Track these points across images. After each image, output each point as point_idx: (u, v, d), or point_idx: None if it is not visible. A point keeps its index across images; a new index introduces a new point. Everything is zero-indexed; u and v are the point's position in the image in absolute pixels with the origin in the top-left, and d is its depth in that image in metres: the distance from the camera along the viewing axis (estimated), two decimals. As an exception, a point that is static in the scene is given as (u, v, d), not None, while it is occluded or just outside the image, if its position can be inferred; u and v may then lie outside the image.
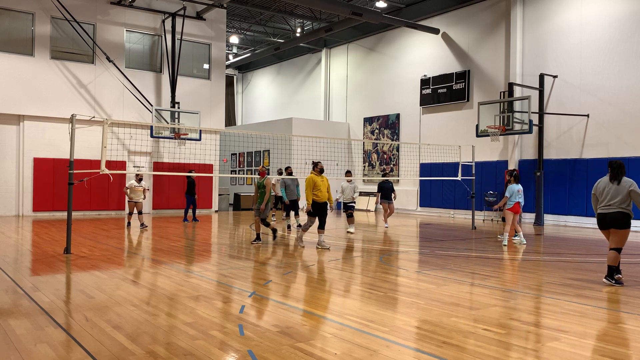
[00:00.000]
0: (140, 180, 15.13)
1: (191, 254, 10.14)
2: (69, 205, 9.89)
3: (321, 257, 9.87)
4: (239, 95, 36.97)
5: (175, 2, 21.50)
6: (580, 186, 17.67)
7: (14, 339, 4.65)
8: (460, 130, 21.38)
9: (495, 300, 6.43)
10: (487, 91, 20.65)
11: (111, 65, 20.14)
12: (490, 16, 20.75)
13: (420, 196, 23.37)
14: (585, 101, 17.67)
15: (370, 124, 26.17)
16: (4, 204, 18.97)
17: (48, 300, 6.15)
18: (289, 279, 7.68)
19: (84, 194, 19.38)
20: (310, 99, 30.34)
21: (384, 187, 16.05)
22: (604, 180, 7.54)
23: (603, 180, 7.56)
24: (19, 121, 19.15)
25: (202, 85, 22.73)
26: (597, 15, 17.40)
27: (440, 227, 16.84)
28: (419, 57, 23.58)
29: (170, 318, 5.41)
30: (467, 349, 4.50)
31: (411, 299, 6.38)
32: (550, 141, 18.61)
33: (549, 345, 4.64)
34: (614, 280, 7.37)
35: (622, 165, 7.51)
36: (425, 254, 10.63)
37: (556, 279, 7.87)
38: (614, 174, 7.46)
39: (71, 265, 8.65)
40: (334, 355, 4.31)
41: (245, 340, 4.69)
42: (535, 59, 19.07)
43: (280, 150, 25.04)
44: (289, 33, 28.80)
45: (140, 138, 20.18)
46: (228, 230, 15.39)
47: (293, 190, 14.67)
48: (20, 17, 19.05)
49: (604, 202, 7.44)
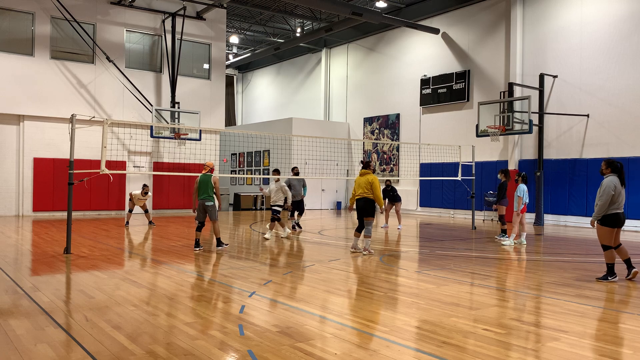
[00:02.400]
0: (145, 194, 15.36)
1: (191, 254, 10.14)
2: (69, 205, 9.90)
3: (321, 257, 9.87)
4: (239, 95, 36.97)
5: (175, 2, 21.50)
6: (580, 186, 17.67)
7: (14, 339, 4.65)
8: (460, 130, 21.38)
9: (495, 300, 6.43)
10: (487, 91, 20.65)
11: (111, 65, 20.13)
12: (490, 16, 20.75)
13: (420, 196, 23.37)
14: (585, 101, 17.67)
15: (370, 124, 26.17)
16: (4, 204, 18.97)
17: (48, 300, 6.15)
18: (289, 279, 7.67)
19: (84, 194, 19.37)
20: (310, 99, 30.34)
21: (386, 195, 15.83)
22: (617, 181, 7.57)
23: (616, 181, 7.57)
24: (19, 121, 19.14)
25: (202, 85, 22.73)
26: (597, 15, 17.40)
27: (440, 227, 16.84)
28: (419, 57, 23.58)
29: (170, 318, 5.41)
30: (467, 349, 4.50)
31: (411, 299, 6.38)
32: (550, 141, 18.61)
33: (549, 345, 4.64)
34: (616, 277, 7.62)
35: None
36: (425, 254, 10.62)
37: (556, 279, 7.87)
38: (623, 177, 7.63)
39: (71, 265, 8.65)
40: (334, 355, 4.31)
41: (245, 340, 4.69)
42: (535, 59, 19.06)
43: (280, 150, 25.03)
44: (289, 33, 28.80)
45: (140, 138, 20.17)
46: (228, 230, 15.38)
47: (299, 191, 14.66)
48: (20, 17, 19.05)
49: (618, 203, 7.50)
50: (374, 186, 9.90)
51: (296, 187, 14.60)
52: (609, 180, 7.53)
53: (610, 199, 7.42)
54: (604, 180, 7.60)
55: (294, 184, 14.59)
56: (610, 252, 7.55)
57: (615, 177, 7.58)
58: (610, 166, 7.69)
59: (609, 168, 7.69)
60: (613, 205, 7.46)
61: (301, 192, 14.74)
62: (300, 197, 14.70)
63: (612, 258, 7.56)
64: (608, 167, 7.71)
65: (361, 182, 9.99)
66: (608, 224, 7.50)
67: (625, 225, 16.13)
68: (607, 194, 7.42)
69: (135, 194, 15.40)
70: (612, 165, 7.69)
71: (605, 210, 7.46)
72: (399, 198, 15.99)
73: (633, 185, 16.33)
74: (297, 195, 14.62)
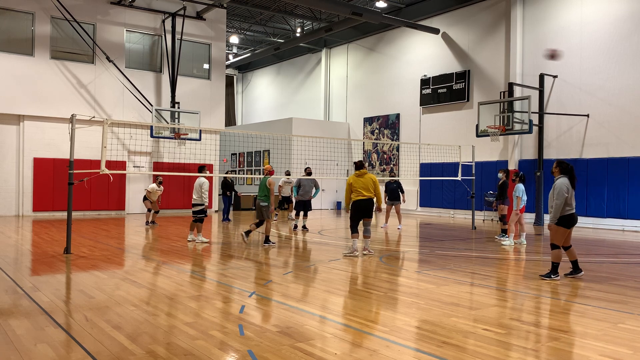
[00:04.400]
0: (160, 183, 16.13)
1: (191, 254, 10.14)
2: (69, 205, 9.90)
3: (321, 257, 9.86)
4: (239, 95, 36.97)
5: (175, 2, 21.50)
6: (580, 186, 17.64)
7: (14, 339, 4.65)
8: (460, 130, 21.38)
9: (495, 300, 6.43)
10: (487, 91, 20.65)
11: (111, 65, 20.13)
12: (490, 16, 20.75)
13: (420, 196, 23.37)
14: (585, 101, 17.67)
15: (370, 124, 26.17)
16: (4, 204, 18.97)
17: (48, 300, 6.15)
18: (289, 279, 7.67)
19: (84, 194, 19.36)
20: (310, 99, 30.34)
21: (388, 187, 15.97)
22: (568, 182, 7.68)
23: (567, 182, 7.68)
24: (19, 121, 19.14)
25: (202, 85, 22.73)
26: (597, 15, 17.40)
27: (440, 227, 16.84)
28: (419, 57, 23.58)
29: (170, 318, 5.41)
30: (467, 349, 4.50)
31: (411, 299, 6.38)
32: (550, 141, 18.61)
33: (549, 345, 4.64)
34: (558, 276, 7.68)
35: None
36: (425, 254, 10.62)
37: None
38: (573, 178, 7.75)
39: (71, 265, 8.65)
40: (334, 355, 4.31)
41: (245, 340, 4.69)
42: (535, 59, 19.06)
43: (280, 150, 25.03)
44: (289, 33, 28.80)
45: (140, 138, 20.17)
46: (228, 230, 15.38)
47: (308, 191, 14.65)
48: (20, 17, 19.05)
49: (573, 204, 7.68)
50: (377, 186, 9.88)
51: (305, 187, 14.62)
52: (560, 182, 7.64)
53: (564, 200, 7.52)
54: (556, 182, 7.70)
55: (303, 184, 14.64)
56: (558, 251, 7.68)
57: (566, 178, 7.70)
58: (560, 167, 7.81)
59: (558, 169, 7.81)
60: (567, 207, 7.59)
61: (311, 192, 14.72)
62: (308, 197, 14.70)
63: (559, 257, 7.69)
64: (557, 167, 7.84)
65: (366, 183, 9.77)
66: (564, 224, 7.63)
67: (626, 226, 16.29)
68: (562, 196, 7.52)
69: (152, 187, 15.90)
70: (562, 166, 7.79)
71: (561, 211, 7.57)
72: (399, 198, 15.97)
73: (633, 185, 16.34)
74: (305, 195, 14.61)
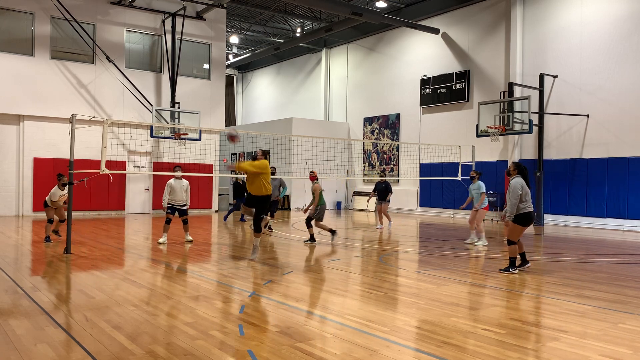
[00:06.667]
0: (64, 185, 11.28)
1: (191, 254, 10.14)
2: (69, 205, 9.90)
3: (321, 257, 9.86)
4: (239, 95, 36.96)
5: (175, 2, 21.49)
6: (580, 186, 17.66)
7: (14, 339, 4.65)
8: (460, 130, 21.38)
9: (495, 300, 6.43)
10: (487, 91, 20.65)
11: (111, 65, 20.13)
12: (490, 16, 20.75)
13: (420, 196, 23.37)
14: (585, 101, 17.66)
15: (370, 124, 26.16)
16: (4, 204, 18.96)
17: (48, 300, 6.15)
18: (289, 279, 7.67)
19: (84, 194, 19.36)
20: (310, 99, 30.33)
21: (377, 187, 16.01)
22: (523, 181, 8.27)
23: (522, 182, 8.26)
24: (19, 121, 19.14)
25: (202, 85, 22.73)
26: (597, 15, 17.39)
27: (440, 227, 16.84)
28: (419, 57, 23.58)
29: (170, 318, 5.41)
30: (467, 349, 4.50)
31: (411, 299, 6.38)
32: (550, 141, 18.61)
33: (549, 345, 4.64)
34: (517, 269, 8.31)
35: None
36: (425, 254, 10.62)
37: (556, 279, 7.87)
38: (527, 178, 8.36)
39: (71, 265, 8.65)
40: (334, 355, 4.31)
41: (245, 340, 4.69)
42: (535, 59, 19.06)
43: (280, 150, 25.02)
44: (289, 33, 28.80)
45: (140, 138, 20.16)
46: (228, 230, 15.38)
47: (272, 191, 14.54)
48: (20, 17, 19.04)
49: (527, 202, 8.21)
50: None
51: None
52: (515, 181, 8.23)
53: (519, 198, 8.10)
54: (511, 182, 8.26)
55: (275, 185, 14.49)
56: (515, 247, 8.26)
57: (520, 177, 8.30)
58: (517, 168, 8.46)
59: (516, 170, 8.45)
60: (524, 204, 8.16)
61: (276, 192, 14.53)
62: (274, 197, 14.44)
63: (516, 252, 8.29)
64: (515, 169, 8.47)
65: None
66: (521, 222, 8.17)
67: (626, 226, 16.29)
68: (516, 194, 8.11)
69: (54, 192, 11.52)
70: (519, 168, 8.46)
71: (517, 208, 8.12)
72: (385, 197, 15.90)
73: (633, 185, 16.34)
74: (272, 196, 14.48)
